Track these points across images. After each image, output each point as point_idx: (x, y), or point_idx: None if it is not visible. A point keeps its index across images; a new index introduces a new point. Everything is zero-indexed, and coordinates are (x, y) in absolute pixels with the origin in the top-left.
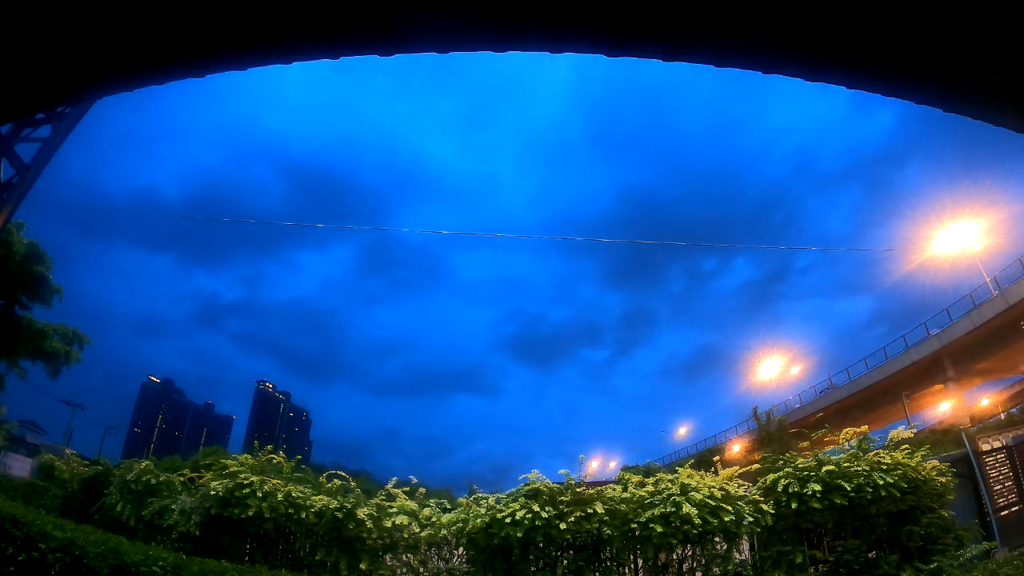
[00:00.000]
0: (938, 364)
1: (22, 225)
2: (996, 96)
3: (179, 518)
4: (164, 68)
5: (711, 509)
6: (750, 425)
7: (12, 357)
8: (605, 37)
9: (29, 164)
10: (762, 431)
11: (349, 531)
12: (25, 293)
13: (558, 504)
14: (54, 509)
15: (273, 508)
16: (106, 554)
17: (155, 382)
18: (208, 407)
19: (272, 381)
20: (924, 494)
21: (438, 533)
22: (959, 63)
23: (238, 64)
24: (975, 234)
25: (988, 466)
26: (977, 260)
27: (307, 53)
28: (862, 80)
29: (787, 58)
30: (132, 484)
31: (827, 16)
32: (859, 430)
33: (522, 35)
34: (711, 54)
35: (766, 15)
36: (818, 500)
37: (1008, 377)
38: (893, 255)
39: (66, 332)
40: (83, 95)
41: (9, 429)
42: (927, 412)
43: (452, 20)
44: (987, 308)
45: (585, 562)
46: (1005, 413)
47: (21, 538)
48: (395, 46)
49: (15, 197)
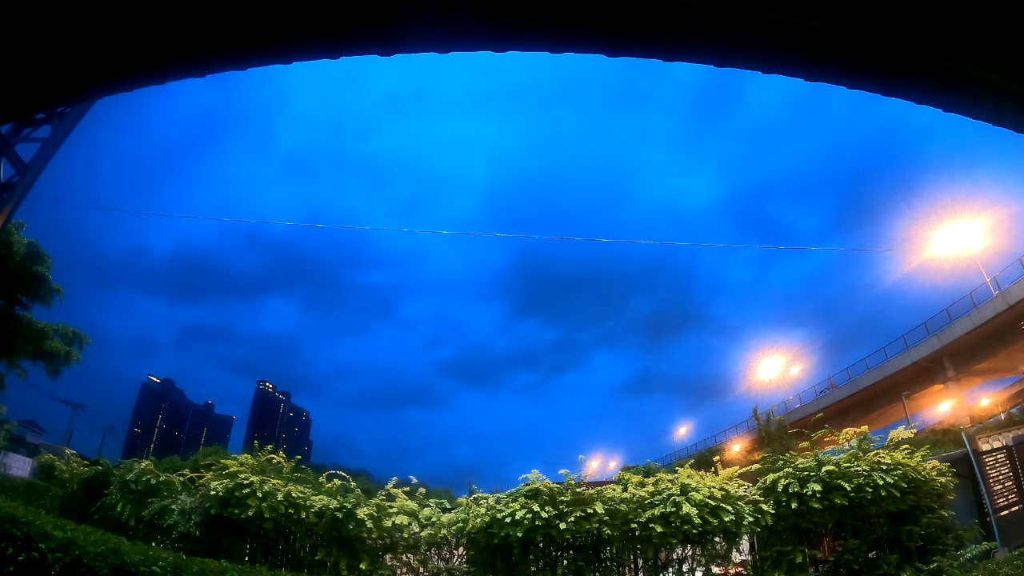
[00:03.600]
0: (938, 364)
1: (22, 225)
2: (996, 96)
3: (179, 518)
4: (164, 68)
5: (711, 509)
6: (750, 425)
7: (12, 357)
8: (605, 37)
9: (29, 164)
10: (762, 431)
11: (349, 531)
12: (25, 293)
13: (558, 504)
14: (54, 509)
15: (273, 508)
16: (106, 554)
17: (155, 382)
18: (208, 407)
19: (272, 381)
20: (924, 494)
21: (438, 533)
22: (959, 63)
23: (238, 64)
24: (975, 234)
25: (988, 466)
26: (977, 260)
27: (307, 53)
28: (862, 80)
29: (787, 58)
30: (132, 484)
31: (827, 16)
32: (859, 430)
33: (522, 35)
34: (711, 54)
35: (766, 15)
36: (818, 500)
37: (1008, 377)
38: (893, 255)
39: (66, 332)
40: (83, 95)
41: (9, 429)
42: (927, 412)
43: (452, 20)
44: (987, 308)
45: (585, 562)
46: (1005, 413)
47: (21, 538)
48: (395, 46)
49: (15, 197)
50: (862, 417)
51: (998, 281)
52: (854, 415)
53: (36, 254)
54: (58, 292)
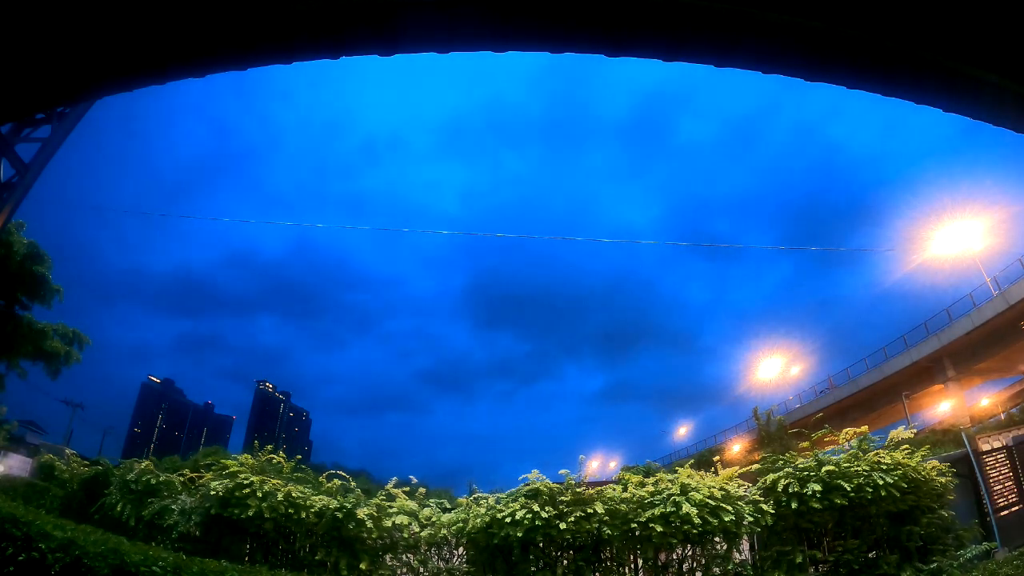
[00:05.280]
0: (938, 364)
1: (22, 225)
2: (996, 96)
3: (179, 518)
4: (164, 68)
5: (711, 509)
6: (750, 425)
7: (12, 357)
8: (605, 37)
9: (29, 164)
10: (762, 431)
11: (349, 531)
12: (25, 293)
13: (558, 504)
14: (54, 509)
15: (273, 508)
16: (106, 554)
17: (155, 382)
18: (208, 407)
19: (272, 381)
20: (924, 494)
21: (438, 533)
22: (959, 63)
23: (238, 64)
24: (975, 234)
25: (988, 466)
26: (977, 260)
27: (307, 53)
28: (862, 80)
29: (787, 58)
30: (132, 484)
31: (827, 16)
32: (859, 430)
33: (522, 35)
34: (711, 54)
35: (766, 15)
36: (818, 500)
37: (1008, 377)
38: (893, 255)
39: (66, 332)
40: (83, 95)
41: (9, 429)
42: (927, 412)
43: (452, 20)
44: (987, 308)
45: (585, 562)
46: (1005, 413)
47: (21, 538)
48: (395, 46)
49: (15, 197)
50: (862, 417)
51: (998, 281)
52: (854, 415)
53: (36, 254)
54: (58, 292)
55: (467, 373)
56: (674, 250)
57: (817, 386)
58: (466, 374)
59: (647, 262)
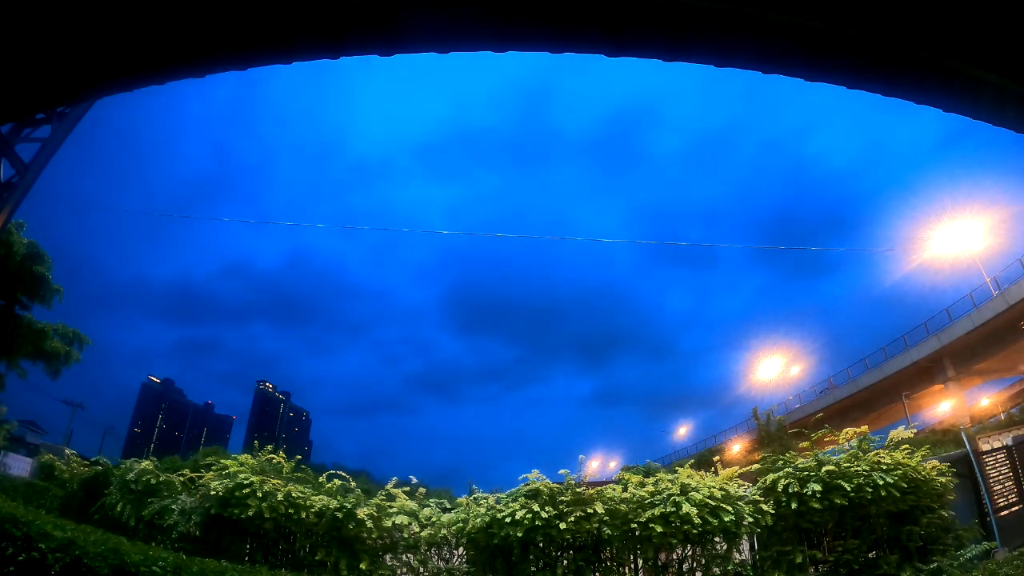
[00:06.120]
0: (938, 364)
1: (22, 225)
2: (996, 96)
3: (179, 518)
4: (164, 68)
5: (711, 509)
6: (750, 425)
7: (12, 357)
8: (605, 37)
9: (29, 164)
10: (762, 431)
11: (349, 531)
12: (25, 293)
13: (558, 504)
14: (54, 509)
15: (273, 508)
16: (106, 554)
17: (155, 382)
18: (208, 407)
19: (272, 381)
20: (924, 494)
21: (438, 533)
22: (959, 63)
23: (238, 64)
24: (975, 234)
25: (988, 466)
26: (977, 260)
27: (307, 53)
28: (862, 80)
29: (787, 58)
30: (132, 484)
31: (827, 16)
32: (859, 430)
33: (522, 35)
34: (711, 54)
35: (766, 15)
36: (818, 500)
37: (1008, 377)
38: (893, 255)
39: (66, 332)
40: (83, 95)
41: (9, 429)
42: (927, 412)
43: (452, 20)
44: (987, 308)
45: (585, 562)
46: (1005, 413)
47: (21, 538)
48: (395, 46)
49: (15, 197)
50: (862, 417)
51: (998, 281)
52: (854, 415)
53: (36, 254)
54: (58, 292)
55: (456, 377)
56: (653, 260)
57: (817, 386)
58: (455, 378)
59: (625, 272)
